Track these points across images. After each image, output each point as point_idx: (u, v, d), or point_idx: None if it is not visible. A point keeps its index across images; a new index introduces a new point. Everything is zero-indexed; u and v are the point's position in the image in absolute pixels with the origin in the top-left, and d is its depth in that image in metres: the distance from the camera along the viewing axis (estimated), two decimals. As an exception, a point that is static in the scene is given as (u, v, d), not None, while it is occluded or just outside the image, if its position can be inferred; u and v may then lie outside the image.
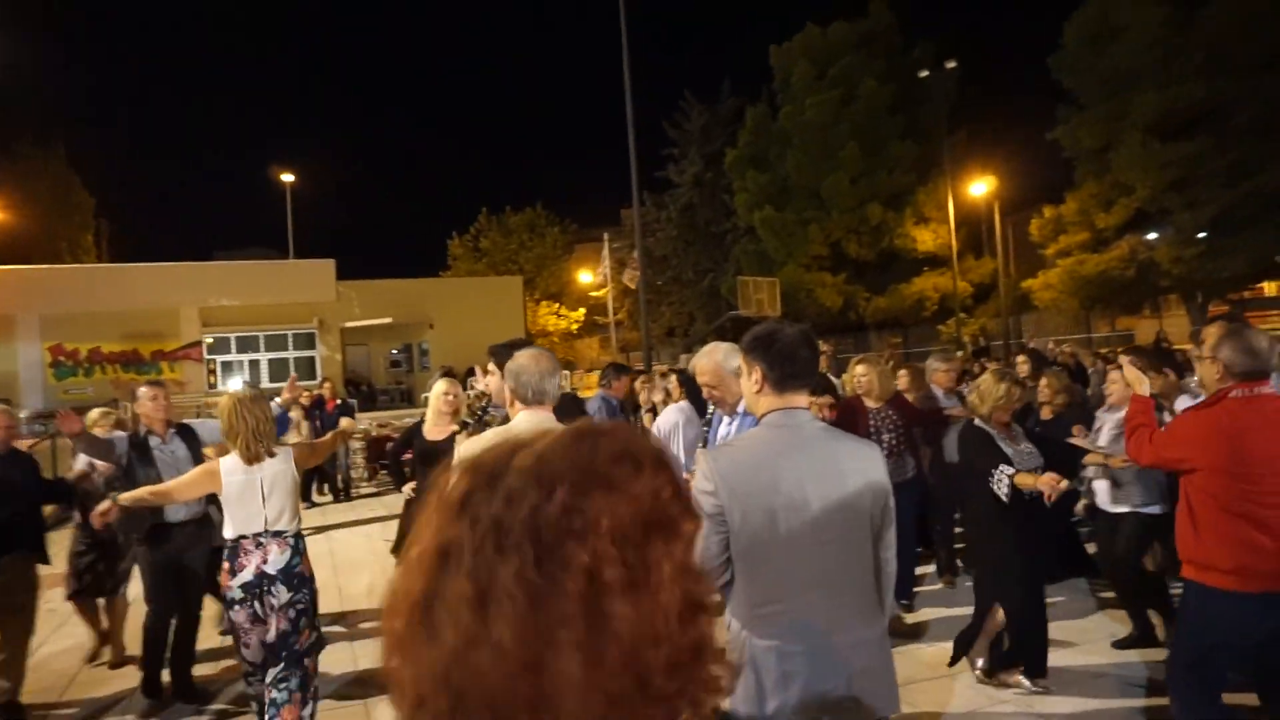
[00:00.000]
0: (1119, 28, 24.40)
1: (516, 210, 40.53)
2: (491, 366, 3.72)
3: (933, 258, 30.11)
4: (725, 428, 3.53)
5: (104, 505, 4.14)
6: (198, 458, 4.89)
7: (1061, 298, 27.62)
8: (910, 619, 5.63)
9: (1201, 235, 24.15)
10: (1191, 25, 23.55)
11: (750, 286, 24.73)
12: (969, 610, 4.62)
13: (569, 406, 3.35)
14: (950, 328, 28.29)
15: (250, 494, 3.93)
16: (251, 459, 3.95)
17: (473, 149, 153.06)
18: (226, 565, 3.92)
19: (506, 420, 3.08)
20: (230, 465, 3.95)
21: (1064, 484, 3.97)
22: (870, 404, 5.83)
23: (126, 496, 4.13)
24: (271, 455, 4.00)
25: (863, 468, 2.28)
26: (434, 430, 5.30)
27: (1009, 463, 4.18)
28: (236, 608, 3.87)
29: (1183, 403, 5.21)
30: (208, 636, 5.57)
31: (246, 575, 3.86)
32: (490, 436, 2.73)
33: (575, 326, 38.60)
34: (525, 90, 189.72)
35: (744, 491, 2.20)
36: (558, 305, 38.54)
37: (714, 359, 3.42)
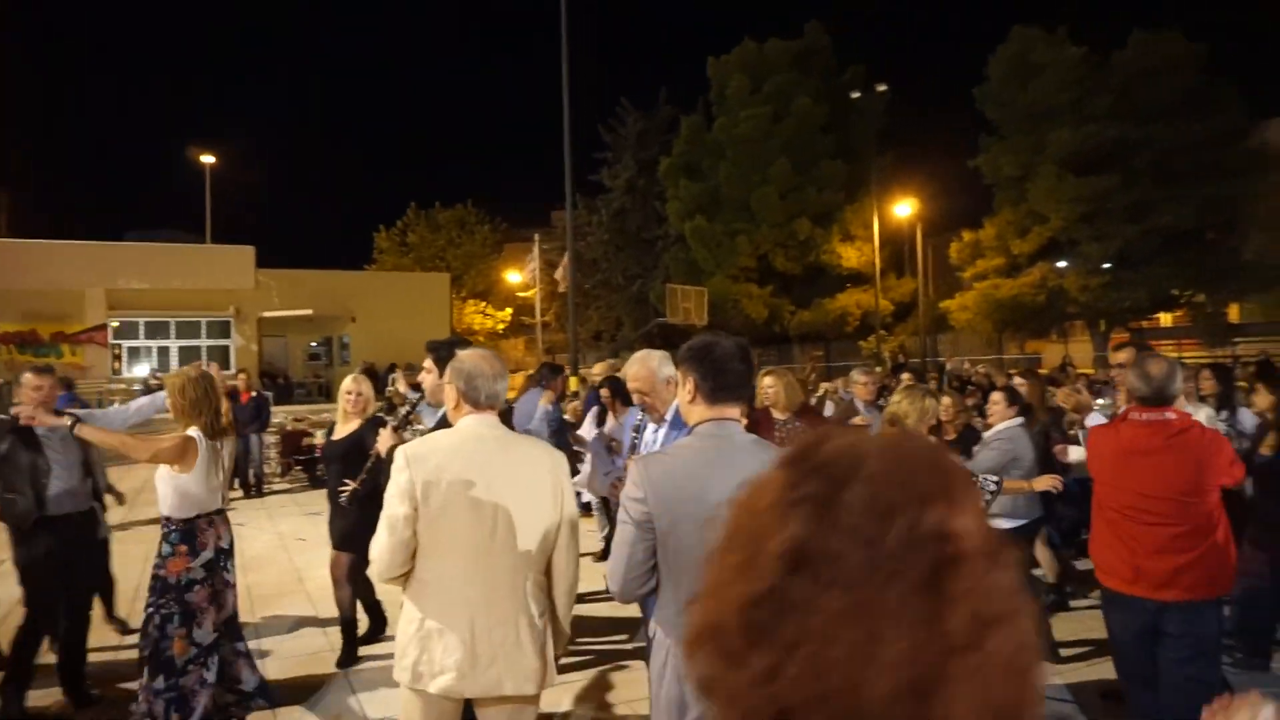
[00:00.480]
0: (1038, 65, 25.54)
1: (446, 206, 40.03)
2: (429, 364, 3.64)
3: (856, 275, 30.86)
4: (652, 435, 3.55)
5: None
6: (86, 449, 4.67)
7: (976, 319, 28.66)
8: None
9: (1106, 266, 25.42)
10: (1104, 69, 24.88)
11: (679, 294, 24.92)
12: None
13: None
14: (871, 344, 29.04)
15: (214, 470, 3.98)
16: (215, 434, 3.97)
17: (403, 142, 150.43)
18: (184, 547, 3.87)
19: (444, 423, 3.01)
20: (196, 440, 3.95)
21: (1058, 481, 4.26)
22: (778, 415, 5.92)
23: (89, 431, 4.03)
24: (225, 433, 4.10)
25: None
26: (341, 429, 5.22)
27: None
28: (197, 588, 3.88)
29: (1094, 419, 5.48)
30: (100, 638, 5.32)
31: (208, 554, 3.94)
32: (440, 438, 2.66)
33: (501, 326, 38.29)
34: (459, 86, 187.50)
35: (673, 499, 2.22)
36: (484, 304, 38.17)
37: (648, 366, 3.43)
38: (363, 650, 5.19)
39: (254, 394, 12.45)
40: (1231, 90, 24.86)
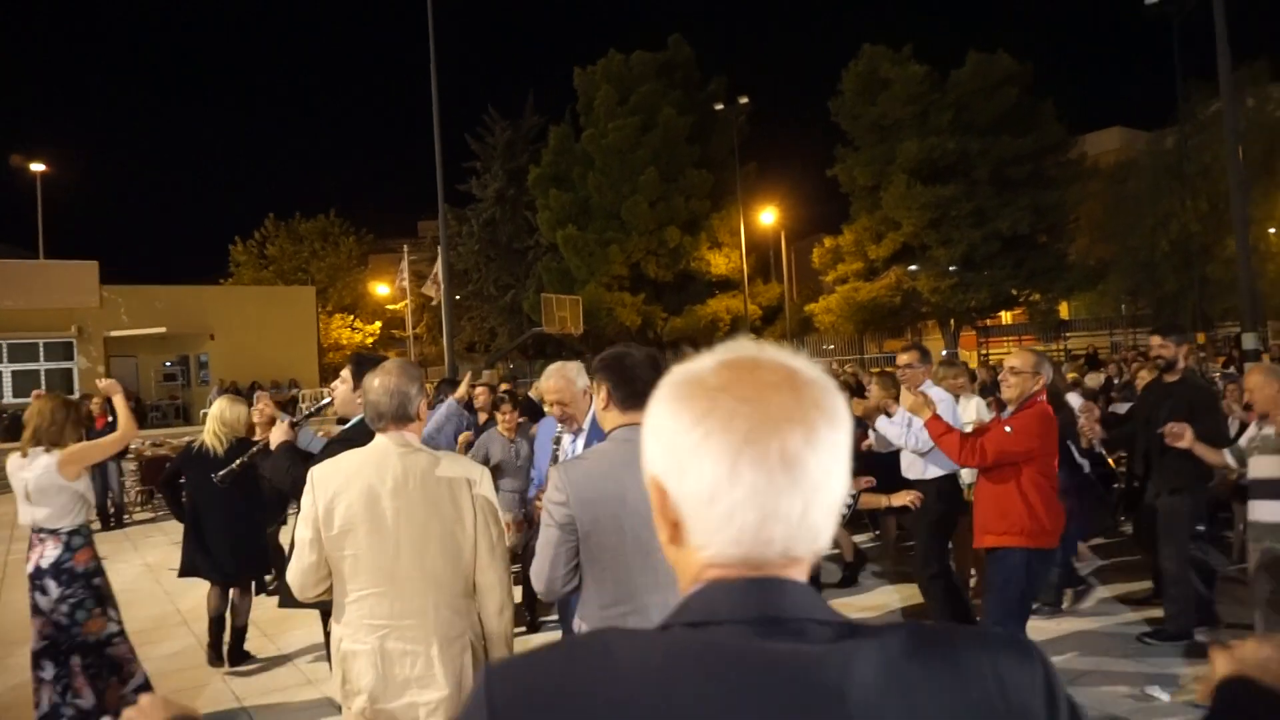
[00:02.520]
0: (886, 81, 27.18)
1: (308, 217, 38.57)
2: (345, 374, 3.57)
3: (725, 280, 31.82)
4: (570, 444, 3.69)
5: None
6: None
7: (839, 321, 30.14)
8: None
9: (953, 269, 27.29)
10: (944, 86, 26.78)
11: (554, 304, 25.05)
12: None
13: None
14: (741, 347, 29.98)
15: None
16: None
17: (259, 149, 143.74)
18: (87, 546, 4.16)
19: (355, 438, 3.05)
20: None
21: (917, 497, 4.56)
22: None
23: None
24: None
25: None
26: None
27: None
28: (100, 579, 4.15)
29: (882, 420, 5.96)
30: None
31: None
32: (345, 459, 2.64)
33: (371, 340, 37.22)
34: (320, 90, 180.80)
35: (592, 500, 2.38)
36: (352, 318, 37.03)
37: (565, 377, 3.55)
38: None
39: (110, 419, 11.73)
40: (1050, 106, 27.28)
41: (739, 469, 0.72)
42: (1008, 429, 4.03)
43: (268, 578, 6.44)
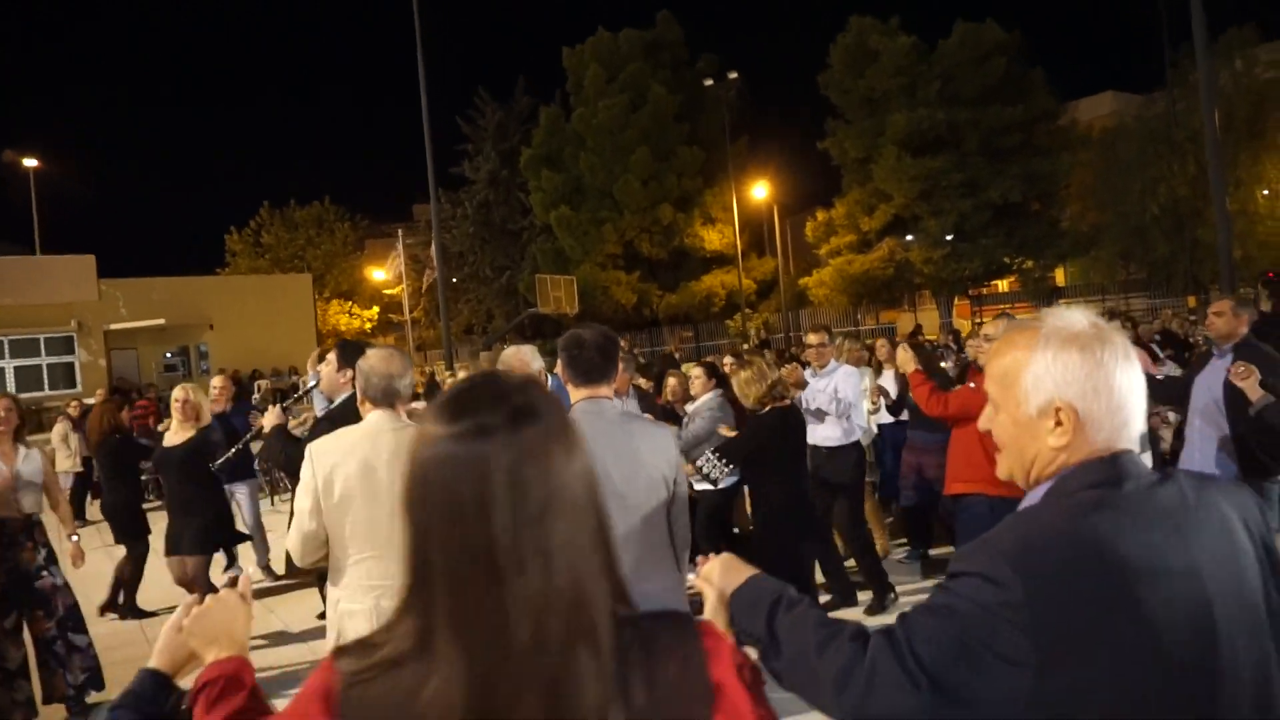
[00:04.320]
0: (874, 52, 27.18)
1: (302, 204, 38.64)
2: (331, 356, 3.82)
3: (720, 256, 31.95)
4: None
5: None
6: None
7: (833, 294, 30.29)
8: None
9: (949, 239, 27.42)
10: (931, 56, 26.78)
11: (548, 284, 25.21)
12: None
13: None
14: (737, 323, 30.19)
15: None
16: None
17: (252, 138, 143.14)
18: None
19: (340, 416, 3.27)
20: None
21: None
22: None
23: None
24: None
25: (656, 445, 2.76)
26: (175, 437, 5.41)
27: None
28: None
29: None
30: None
31: None
32: (342, 434, 2.86)
33: (369, 325, 37.41)
34: (310, 76, 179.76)
35: (555, 469, 2.61)
36: (350, 304, 37.18)
37: (520, 359, 3.78)
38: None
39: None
40: (1040, 74, 27.29)
41: (1132, 385, 1.16)
42: (971, 385, 4.31)
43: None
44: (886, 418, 6.63)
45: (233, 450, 4.58)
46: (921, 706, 1.06)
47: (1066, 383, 1.16)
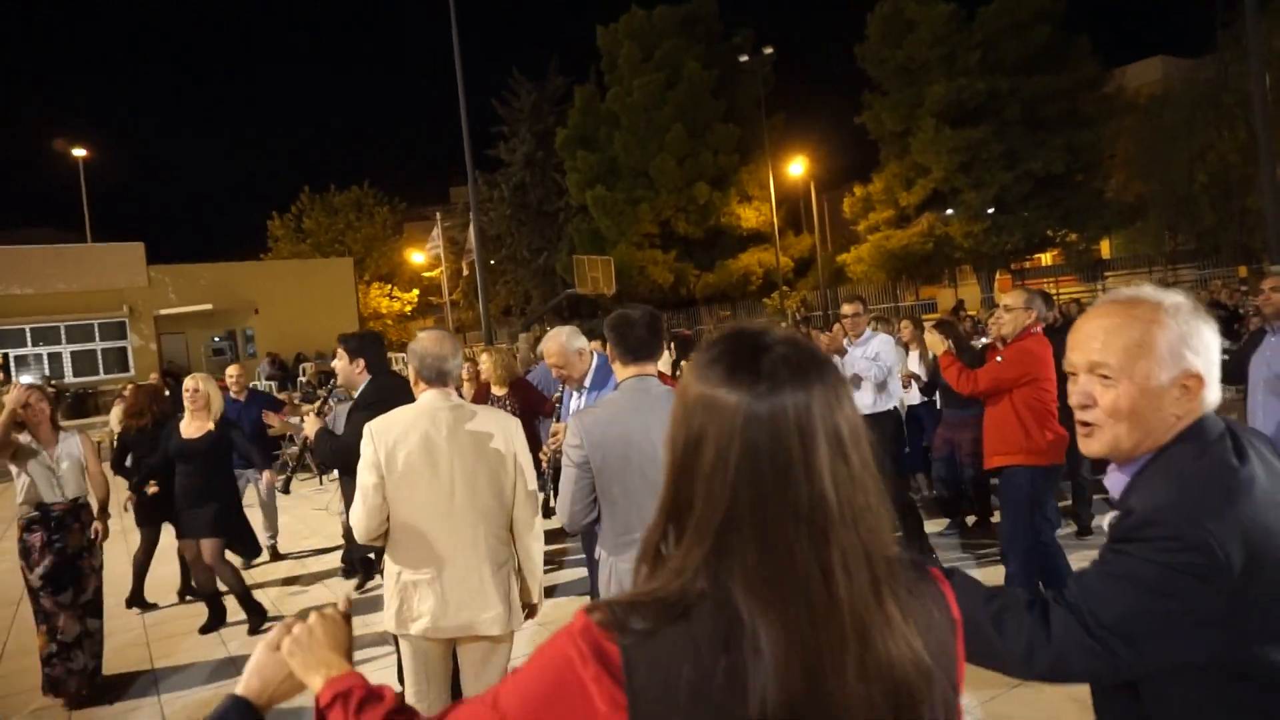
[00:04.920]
0: (912, 22, 26.69)
1: (342, 189, 39.09)
2: (341, 353, 3.98)
3: (756, 234, 31.79)
4: (575, 402, 4.03)
5: None
6: None
7: (872, 270, 29.99)
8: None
9: (990, 212, 26.97)
10: (971, 25, 26.21)
11: (585, 265, 25.33)
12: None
13: (400, 386, 3.61)
14: (774, 301, 30.07)
15: None
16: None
17: (292, 124, 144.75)
18: None
19: (371, 402, 3.39)
20: None
21: None
22: (496, 391, 6.44)
23: None
24: None
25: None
26: (189, 428, 5.47)
27: None
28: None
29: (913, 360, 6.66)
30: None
31: None
32: (399, 413, 2.98)
33: (409, 308, 37.85)
34: (348, 63, 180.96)
35: (602, 441, 2.71)
36: (390, 287, 37.63)
37: (558, 342, 3.87)
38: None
39: (166, 394, 12.34)
40: (1085, 41, 26.59)
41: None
42: (998, 359, 4.37)
43: None
44: (915, 397, 6.71)
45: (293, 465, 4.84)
46: (1113, 667, 1.20)
47: (1196, 351, 1.27)
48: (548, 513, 6.18)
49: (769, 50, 28.65)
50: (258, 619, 5.51)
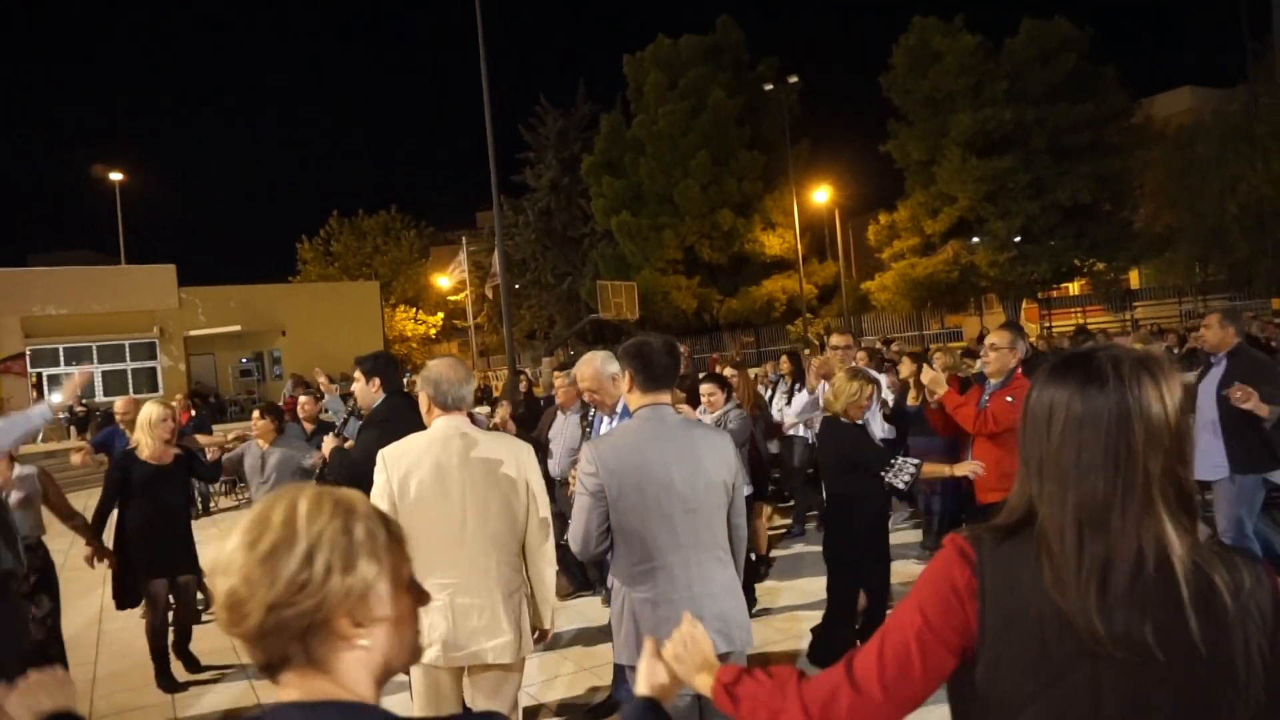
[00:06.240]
0: (937, 53, 26.74)
1: (370, 213, 39.66)
2: (358, 374, 4.07)
3: (780, 261, 31.77)
4: (606, 426, 4.02)
5: None
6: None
7: (896, 298, 29.83)
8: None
9: (1016, 241, 26.79)
10: (997, 55, 26.22)
11: (609, 290, 25.42)
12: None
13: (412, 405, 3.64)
14: (798, 328, 29.97)
15: None
16: None
17: (321, 148, 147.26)
18: None
19: (382, 419, 3.42)
20: None
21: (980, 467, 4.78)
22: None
23: None
24: None
25: (716, 450, 2.82)
26: (158, 454, 5.16)
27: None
28: None
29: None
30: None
31: None
32: (413, 440, 2.99)
33: (434, 331, 38.16)
34: (377, 89, 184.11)
35: (618, 470, 2.69)
36: (415, 310, 37.99)
37: (593, 366, 3.87)
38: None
39: (193, 413, 12.49)
40: (1114, 71, 26.49)
41: None
42: (1009, 399, 4.32)
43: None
44: (882, 428, 6.53)
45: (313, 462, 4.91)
46: None
47: None
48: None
49: (794, 79, 28.80)
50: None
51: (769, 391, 8.06)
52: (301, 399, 7.65)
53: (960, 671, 1.24)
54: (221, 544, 0.99)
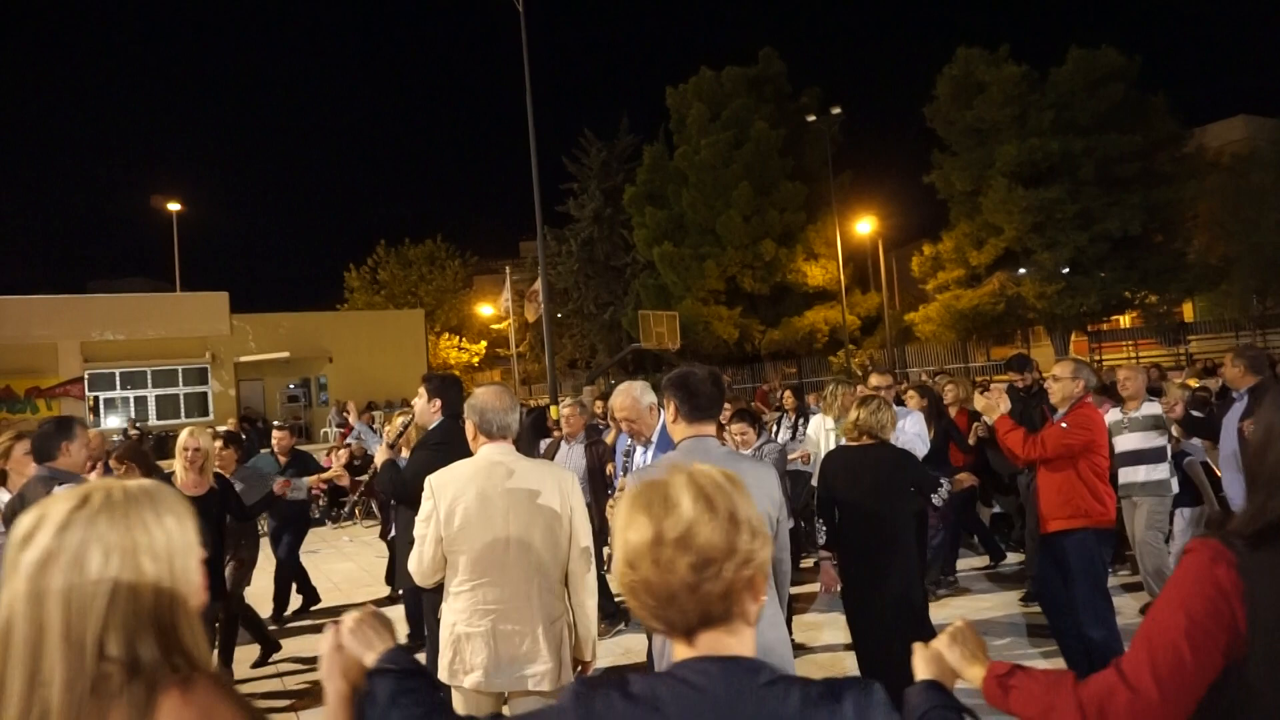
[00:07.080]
0: (982, 84, 26.57)
1: (416, 242, 40.32)
2: (422, 390, 4.11)
3: (823, 292, 31.59)
4: (642, 456, 4.03)
5: None
6: None
7: (940, 330, 29.45)
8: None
9: (1065, 272, 26.34)
10: (1043, 85, 25.97)
11: (651, 320, 25.46)
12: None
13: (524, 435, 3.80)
14: (840, 359, 29.72)
15: None
16: None
17: (369, 179, 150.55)
18: None
19: (438, 440, 3.45)
20: None
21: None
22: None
23: None
24: None
25: (762, 482, 2.80)
26: (188, 485, 5.06)
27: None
28: None
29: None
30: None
31: None
32: (459, 467, 3.03)
33: (477, 359, 38.52)
34: (423, 121, 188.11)
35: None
36: (459, 338, 38.42)
37: (631, 396, 3.88)
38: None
39: (243, 437, 12.71)
40: (1163, 100, 26.08)
41: None
42: (1064, 425, 4.42)
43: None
44: None
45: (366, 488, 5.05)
46: None
47: None
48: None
49: (836, 110, 28.82)
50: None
51: (774, 427, 8.06)
52: (275, 434, 7.85)
53: (1226, 670, 1.31)
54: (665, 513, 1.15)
